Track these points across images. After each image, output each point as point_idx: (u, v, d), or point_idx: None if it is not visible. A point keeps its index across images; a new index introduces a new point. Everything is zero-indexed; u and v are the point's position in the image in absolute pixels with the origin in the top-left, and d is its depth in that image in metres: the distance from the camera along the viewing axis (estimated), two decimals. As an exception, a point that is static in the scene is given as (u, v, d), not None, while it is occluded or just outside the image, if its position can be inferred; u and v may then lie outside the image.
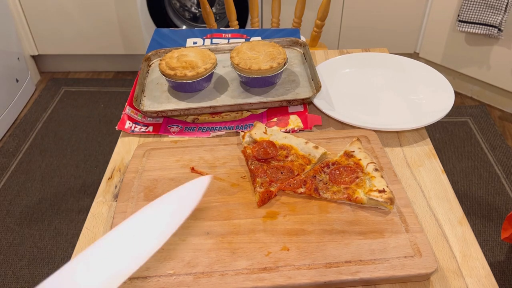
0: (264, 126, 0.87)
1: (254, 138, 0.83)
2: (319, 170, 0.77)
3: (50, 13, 2.47)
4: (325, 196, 0.73)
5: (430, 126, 0.91)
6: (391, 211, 0.71)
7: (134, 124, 0.93)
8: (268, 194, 0.73)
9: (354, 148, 0.80)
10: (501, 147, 2.15)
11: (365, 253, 0.64)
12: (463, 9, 2.15)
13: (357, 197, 0.72)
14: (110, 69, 2.77)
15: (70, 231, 1.79)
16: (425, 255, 0.63)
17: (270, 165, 0.79)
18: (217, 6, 2.50)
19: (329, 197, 0.73)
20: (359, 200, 0.71)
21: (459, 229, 0.71)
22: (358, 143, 0.82)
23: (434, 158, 0.85)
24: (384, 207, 0.71)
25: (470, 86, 2.48)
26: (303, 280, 0.61)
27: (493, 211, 1.84)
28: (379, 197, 0.70)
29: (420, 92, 1.01)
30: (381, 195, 0.70)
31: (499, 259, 1.67)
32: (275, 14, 1.74)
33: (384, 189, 0.71)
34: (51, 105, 2.49)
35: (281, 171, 0.77)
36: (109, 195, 0.79)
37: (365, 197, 0.71)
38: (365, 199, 0.71)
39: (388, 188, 0.71)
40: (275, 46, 1.00)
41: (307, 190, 0.73)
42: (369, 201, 0.71)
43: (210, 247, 0.66)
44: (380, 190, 0.71)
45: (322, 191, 0.73)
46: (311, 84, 1.00)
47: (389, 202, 0.70)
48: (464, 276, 0.64)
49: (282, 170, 0.77)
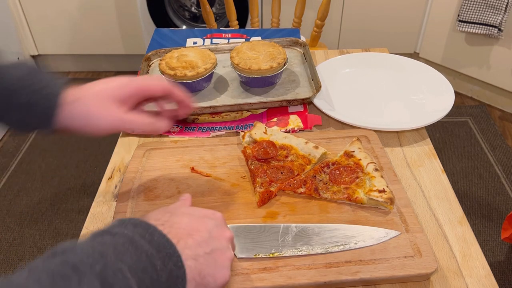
0: (264, 126, 0.87)
1: (254, 138, 0.83)
2: (319, 170, 0.77)
3: (50, 13, 2.47)
4: (325, 196, 0.73)
5: (430, 126, 0.91)
6: (391, 211, 0.71)
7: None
8: (268, 194, 0.73)
9: (354, 148, 0.80)
10: (501, 147, 2.15)
11: (365, 253, 0.64)
12: (463, 9, 2.15)
13: (357, 197, 0.72)
14: (110, 69, 2.77)
15: (70, 231, 1.79)
16: (425, 255, 0.63)
17: (270, 165, 0.79)
18: (217, 6, 2.50)
19: (329, 197, 0.73)
20: (359, 200, 0.71)
21: (459, 229, 0.71)
22: (358, 143, 0.81)
23: (434, 158, 0.85)
24: (384, 207, 0.71)
25: (470, 86, 2.48)
26: (303, 280, 0.61)
27: (493, 211, 1.84)
28: (379, 197, 0.70)
29: (420, 92, 1.01)
30: (381, 195, 0.70)
31: (499, 259, 1.67)
32: (275, 14, 1.74)
33: (384, 189, 0.71)
34: (51, 105, 2.48)
35: (281, 171, 0.77)
36: (109, 195, 0.79)
37: (365, 197, 0.71)
38: (365, 199, 0.71)
39: (388, 188, 0.71)
40: (275, 46, 0.99)
41: (307, 190, 0.73)
42: (369, 201, 0.71)
43: (210, 247, 0.66)
44: (380, 190, 0.71)
45: (322, 191, 0.73)
46: (311, 84, 1.00)
47: (389, 202, 0.70)
48: (464, 276, 0.64)
49: (282, 170, 0.77)
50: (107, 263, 0.40)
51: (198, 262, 0.50)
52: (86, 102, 0.60)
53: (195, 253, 0.50)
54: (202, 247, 0.52)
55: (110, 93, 0.61)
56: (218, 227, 0.55)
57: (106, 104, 0.61)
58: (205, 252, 0.51)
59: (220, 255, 0.53)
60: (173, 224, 0.52)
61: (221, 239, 0.54)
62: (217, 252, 0.53)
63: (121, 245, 0.44)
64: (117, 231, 0.46)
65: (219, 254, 0.53)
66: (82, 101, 0.60)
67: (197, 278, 0.50)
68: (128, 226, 0.47)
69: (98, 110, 0.60)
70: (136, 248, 0.44)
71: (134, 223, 0.48)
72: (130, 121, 0.62)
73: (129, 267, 0.42)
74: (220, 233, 0.55)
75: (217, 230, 0.55)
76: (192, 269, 0.49)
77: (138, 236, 0.46)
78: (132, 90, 0.63)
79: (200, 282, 0.50)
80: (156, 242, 0.47)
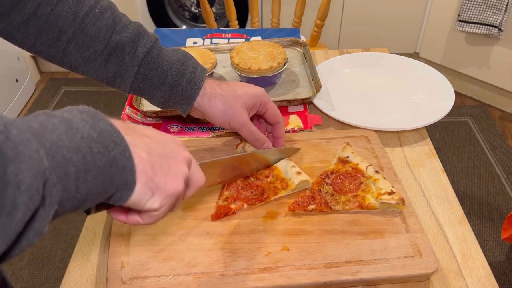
0: None
1: (246, 151, 0.80)
2: (321, 182, 0.74)
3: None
4: (336, 209, 0.70)
5: (430, 126, 0.91)
6: (394, 211, 0.70)
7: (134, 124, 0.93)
8: (225, 210, 0.70)
9: (348, 153, 0.78)
10: (502, 147, 2.15)
11: (365, 253, 0.64)
12: (463, 9, 2.15)
13: (368, 203, 0.70)
14: (110, 69, 2.76)
15: (70, 231, 1.79)
16: (425, 255, 0.63)
17: (247, 180, 0.75)
18: (217, 6, 2.50)
19: (341, 208, 0.70)
20: (371, 206, 0.70)
21: (459, 229, 0.71)
22: (349, 148, 0.79)
23: (434, 158, 0.85)
24: (396, 208, 0.70)
25: (470, 86, 2.48)
26: (303, 280, 0.61)
27: (493, 211, 1.84)
28: (390, 200, 0.68)
29: (420, 92, 1.01)
30: (392, 197, 0.69)
31: (499, 259, 1.67)
32: (275, 14, 1.74)
33: (392, 190, 0.70)
34: (51, 105, 2.49)
35: (252, 190, 0.73)
36: (109, 195, 0.79)
37: (376, 201, 0.69)
38: (377, 204, 0.69)
39: (394, 189, 0.71)
40: (275, 46, 0.99)
41: (318, 206, 0.70)
42: (381, 205, 0.69)
43: (210, 247, 0.66)
44: (389, 192, 0.69)
45: (332, 204, 0.70)
46: (311, 84, 1.00)
47: (401, 202, 0.68)
48: (464, 276, 0.64)
49: (254, 189, 0.73)
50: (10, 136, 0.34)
51: (152, 156, 0.46)
52: (226, 100, 0.71)
53: (149, 149, 0.46)
54: (157, 148, 0.48)
55: (246, 100, 0.73)
56: (176, 144, 0.51)
57: (240, 107, 0.72)
58: (159, 153, 0.47)
59: (174, 163, 0.49)
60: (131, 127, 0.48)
61: (177, 152, 0.50)
62: (171, 159, 0.49)
63: (51, 124, 0.39)
64: (56, 114, 0.41)
65: (173, 162, 0.49)
66: (223, 98, 0.72)
67: (149, 172, 0.45)
68: (73, 111, 0.43)
69: (235, 111, 0.72)
70: (70, 128, 0.40)
71: (82, 110, 0.43)
72: (250, 129, 0.73)
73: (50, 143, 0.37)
74: (177, 148, 0.51)
75: (174, 145, 0.51)
76: (145, 162, 0.45)
77: (79, 119, 0.41)
78: (260, 104, 0.74)
79: (151, 177, 0.45)
80: (100, 128, 0.42)
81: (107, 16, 0.69)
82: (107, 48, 0.69)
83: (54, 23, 0.67)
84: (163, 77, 0.70)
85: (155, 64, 0.70)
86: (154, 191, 0.46)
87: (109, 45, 0.69)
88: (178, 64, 0.71)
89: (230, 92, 0.72)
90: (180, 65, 0.71)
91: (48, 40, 0.68)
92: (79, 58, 0.70)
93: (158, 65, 0.70)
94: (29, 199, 0.34)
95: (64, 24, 0.67)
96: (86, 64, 0.70)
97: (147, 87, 0.72)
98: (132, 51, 0.69)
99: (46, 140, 0.37)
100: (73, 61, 0.70)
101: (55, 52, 0.70)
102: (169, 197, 0.47)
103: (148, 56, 0.70)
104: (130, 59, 0.69)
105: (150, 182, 0.45)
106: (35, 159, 0.35)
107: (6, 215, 0.33)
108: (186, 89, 0.71)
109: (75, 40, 0.68)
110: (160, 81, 0.71)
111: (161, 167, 0.47)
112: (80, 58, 0.70)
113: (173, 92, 0.71)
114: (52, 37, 0.68)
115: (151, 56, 0.70)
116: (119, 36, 0.69)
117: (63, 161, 0.38)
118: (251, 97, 0.73)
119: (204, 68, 0.74)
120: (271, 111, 0.76)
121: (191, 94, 0.71)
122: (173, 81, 0.70)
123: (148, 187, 0.45)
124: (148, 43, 0.70)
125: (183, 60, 0.72)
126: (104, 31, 0.68)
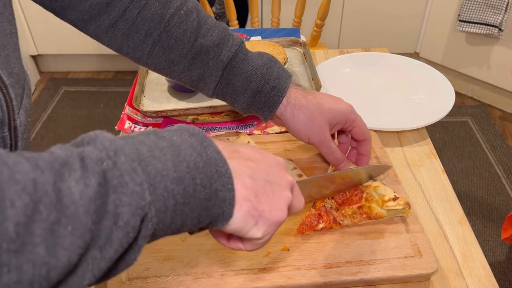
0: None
1: None
2: None
3: (50, 13, 2.47)
4: (345, 224, 0.68)
5: (431, 126, 0.91)
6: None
7: (134, 124, 0.93)
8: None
9: None
10: (502, 147, 2.15)
11: (365, 253, 0.64)
12: (464, 9, 2.15)
13: (376, 213, 0.68)
14: (109, 69, 2.77)
15: (70, 231, 1.79)
16: (425, 255, 0.63)
17: None
18: (217, 6, 2.50)
19: (350, 223, 0.68)
20: (379, 215, 0.68)
21: (460, 229, 0.71)
22: None
23: (434, 158, 0.84)
24: (402, 213, 0.68)
25: (471, 86, 2.48)
26: (303, 280, 0.61)
27: (494, 211, 1.84)
28: (396, 206, 0.67)
29: (420, 92, 1.01)
30: (397, 203, 0.67)
31: (499, 259, 1.67)
32: (275, 13, 1.74)
33: (396, 196, 0.68)
34: (51, 105, 2.49)
35: None
36: (108, 195, 0.79)
37: (383, 210, 0.68)
38: (384, 212, 0.68)
39: (396, 193, 0.69)
40: (275, 46, 0.99)
41: (327, 224, 0.68)
42: (388, 212, 0.68)
43: (210, 247, 0.66)
44: (393, 198, 0.68)
45: (341, 219, 0.68)
46: (311, 84, 1.00)
47: (407, 207, 0.67)
48: (465, 276, 0.64)
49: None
50: (117, 163, 0.34)
51: (256, 183, 0.43)
52: (310, 113, 0.68)
53: (253, 174, 0.44)
54: (261, 173, 0.45)
55: (331, 116, 0.68)
56: (279, 168, 0.48)
57: (323, 123, 0.68)
58: (264, 179, 0.45)
59: (278, 190, 0.46)
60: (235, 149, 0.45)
61: (281, 177, 0.47)
62: (275, 185, 0.46)
63: (159, 150, 0.38)
64: (165, 135, 0.40)
65: (278, 188, 0.46)
66: (307, 110, 0.68)
67: (253, 200, 0.43)
68: (183, 133, 0.41)
69: (316, 127, 0.68)
70: (177, 156, 0.38)
71: (193, 132, 0.41)
72: (330, 146, 0.70)
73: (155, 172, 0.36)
74: (281, 173, 0.48)
75: (277, 169, 0.47)
76: (249, 188, 0.43)
77: (187, 145, 0.40)
78: (345, 122, 0.70)
79: (255, 206, 0.43)
80: (207, 156, 0.40)
81: (193, 18, 0.67)
82: (191, 51, 0.67)
83: (141, 26, 0.66)
84: (247, 83, 0.68)
85: (240, 69, 0.68)
86: (257, 219, 0.44)
87: (194, 48, 0.67)
88: (263, 70, 0.68)
89: (315, 106, 0.68)
90: (265, 71, 0.68)
91: (134, 43, 0.68)
92: (163, 61, 0.69)
93: (243, 70, 0.68)
94: (124, 236, 0.33)
95: (150, 27, 0.66)
96: (170, 67, 0.69)
97: (230, 92, 0.70)
98: (216, 55, 0.67)
99: (152, 168, 0.36)
100: (158, 63, 0.69)
101: (141, 54, 0.69)
102: (273, 225, 0.45)
103: (233, 60, 0.68)
104: (214, 63, 0.68)
105: (253, 210, 0.43)
106: (138, 194, 0.34)
107: (99, 248, 0.32)
108: (269, 96, 0.68)
109: (160, 43, 0.67)
110: (243, 86, 0.68)
111: (265, 194, 0.44)
112: (164, 61, 0.69)
113: (256, 99, 0.69)
114: (138, 40, 0.67)
115: (236, 60, 0.68)
116: (204, 39, 0.67)
117: (164, 194, 0.37)
118: (337, 114, 0.69)
119: (290, 74, 0.70)
120: (359, 129, 0.71)
121: (273, 102, 0.68)
122: (256, 87, 0.68)
123: (251, 215, 0.43)
124: (233, 47, 0.68)
125: (268, 65, 0.69)
126: (189, 33, 0.67)
